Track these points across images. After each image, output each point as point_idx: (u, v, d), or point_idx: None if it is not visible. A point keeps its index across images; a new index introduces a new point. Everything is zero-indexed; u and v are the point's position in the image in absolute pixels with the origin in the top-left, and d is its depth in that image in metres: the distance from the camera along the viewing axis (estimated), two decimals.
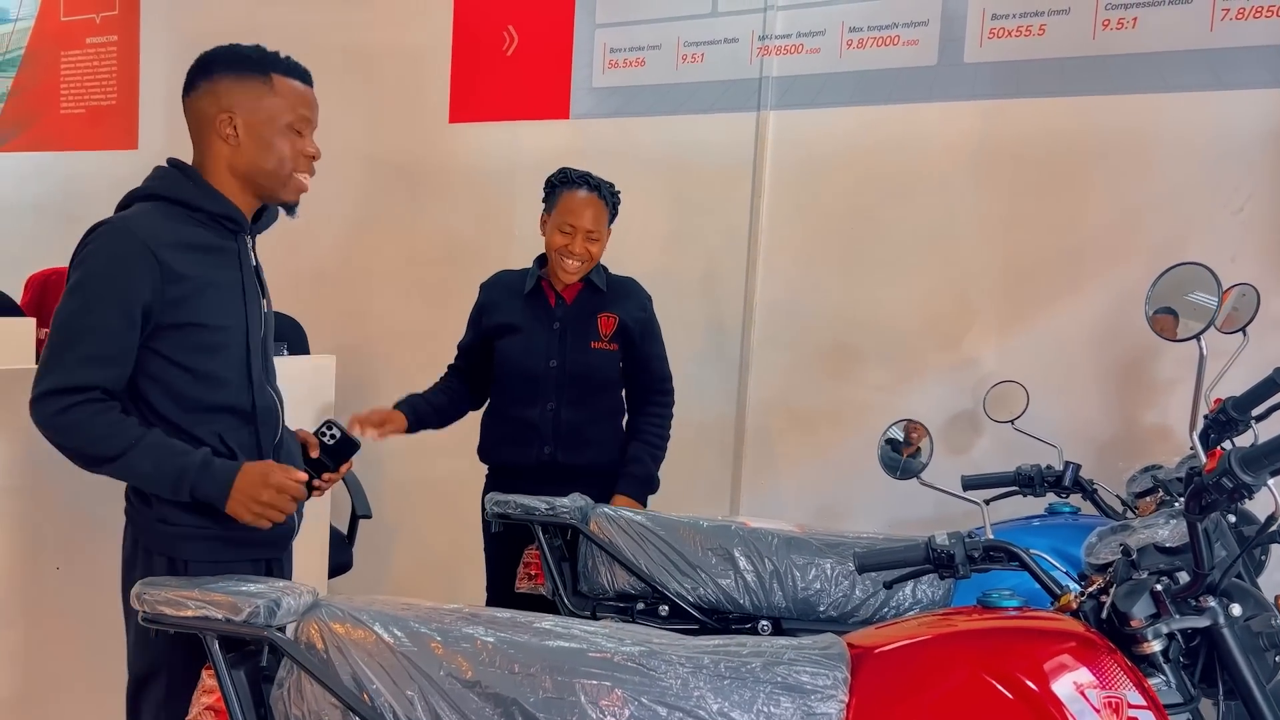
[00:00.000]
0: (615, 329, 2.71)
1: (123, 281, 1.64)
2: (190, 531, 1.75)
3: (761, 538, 2.25)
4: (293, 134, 1.80)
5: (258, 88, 1.77)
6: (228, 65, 1.78)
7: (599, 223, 2.67)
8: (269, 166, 1.79)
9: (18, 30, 5.52)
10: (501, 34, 3.79)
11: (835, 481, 3.20)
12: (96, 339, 1.65)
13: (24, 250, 5.28)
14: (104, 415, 1.64)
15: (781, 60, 3.26)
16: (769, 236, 3.32)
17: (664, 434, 2.80)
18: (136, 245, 1.66)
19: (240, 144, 1.77)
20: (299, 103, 1.81)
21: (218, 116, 1.76)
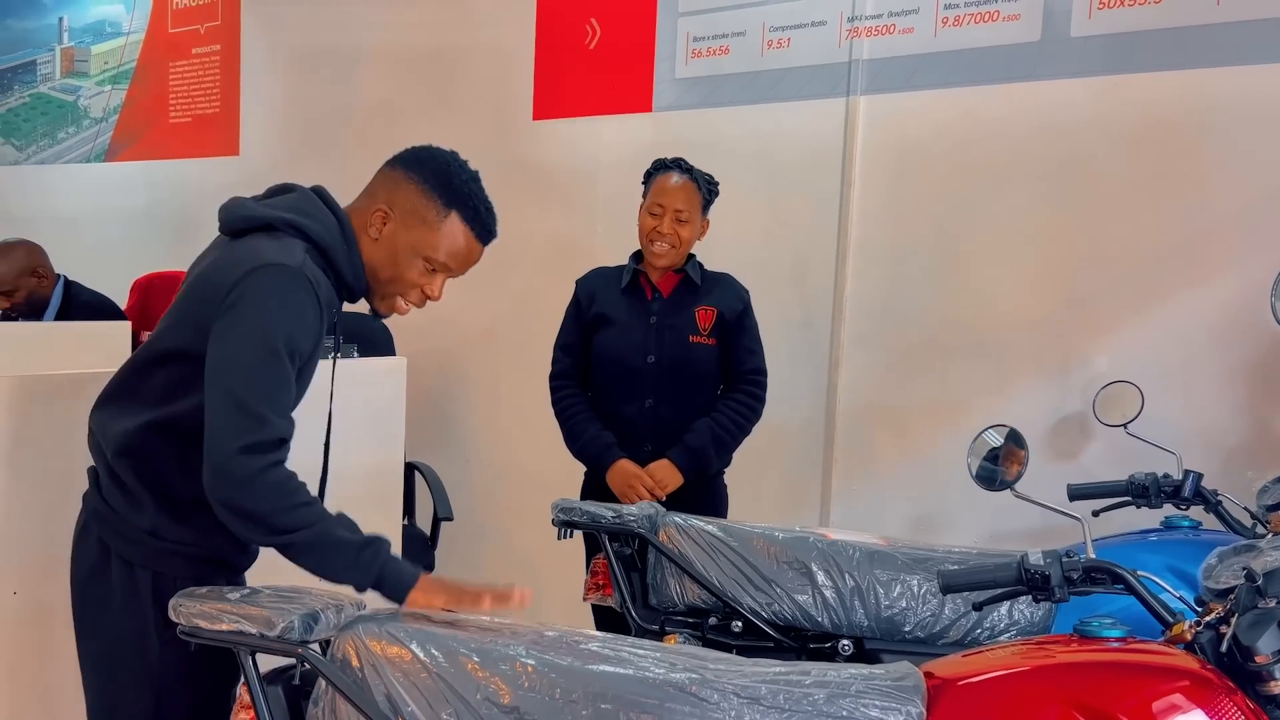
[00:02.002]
0: (714, 322, 2.63)
1: (302, 335, 1.58)
2: (179, 548, 1.66)
3: (841, 551, 2.10)
4: (427, 269, 1.71)
5: (429, 213, 1.68)
6: (425, 174, 1.70)
7: (689, 204, 2.60)
8: (383, 277, 1.71)
9: (130, 44, 5.72)
10: (584, 27, 3.71)
11: (932, 490, 3.01)
12: (285, 391, 1.57)
13: (134, 256, 5.47)
14: (294, 479, 1.55)
15: (872, 42, 3.09)
16: (860, 229, 3.15)
17: (739, 420, 2.66)
18: (315, 300, 1.60)
19: (378, 242, 1.69)
20: (454, 251, 1.70)
21: (378, 206, 1.69)
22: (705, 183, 2.66)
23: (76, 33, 6.11)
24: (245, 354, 1.54)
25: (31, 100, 6.47)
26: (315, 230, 1.65)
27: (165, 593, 1.57)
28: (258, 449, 1.50)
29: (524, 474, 3.99)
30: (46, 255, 3.81)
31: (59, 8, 6.24)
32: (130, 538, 1.66)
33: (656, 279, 2.68)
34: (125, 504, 1.66)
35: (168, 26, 5.47)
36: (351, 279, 1.69)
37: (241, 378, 1.53)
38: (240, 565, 1.79)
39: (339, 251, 1.67)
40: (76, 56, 6.12)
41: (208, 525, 1.62)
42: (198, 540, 1.67)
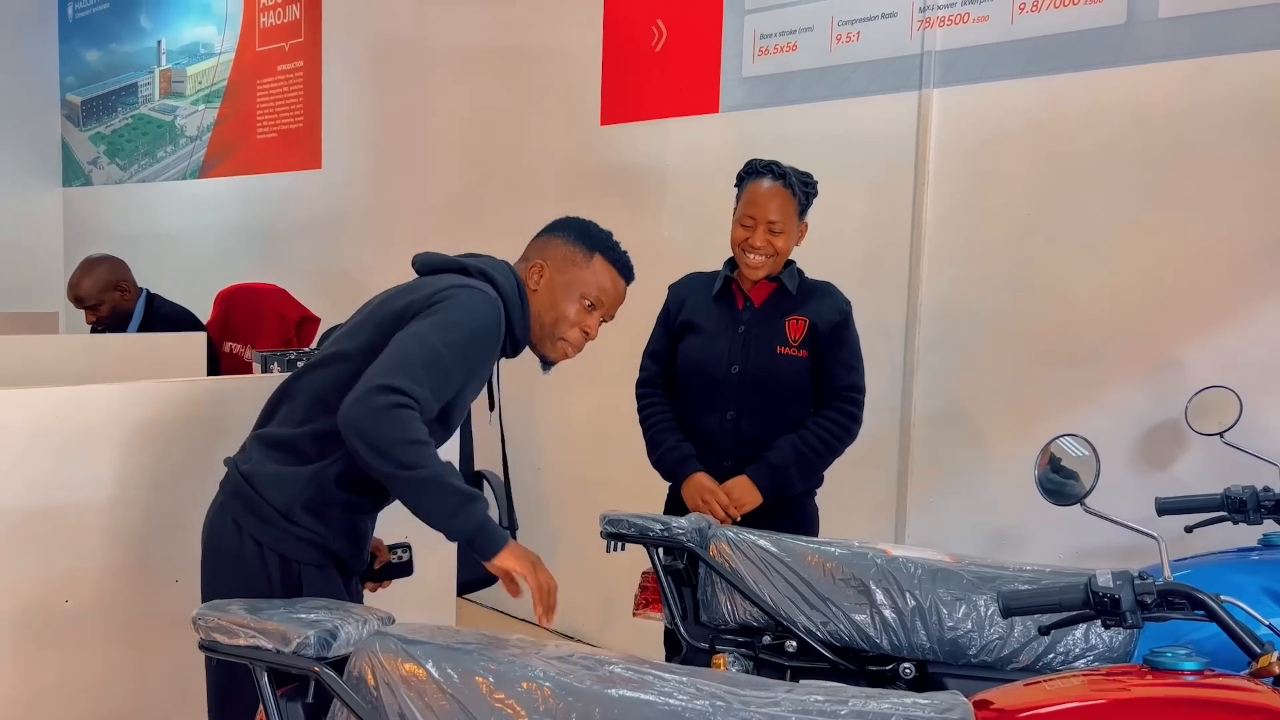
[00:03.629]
0: (805, 333, 2.47)
1: (482, 348, 1.83)
2: (310, 535, 1.81)
3: (902, 568, 1.97)
4: (583, 307, 1.95)
5: (578, 257, 1.95)
6: (568, 231, 1.99)
7: (784, 214, 2.45)
8: (546, 320, 1.95)
9: (221, 63, 5.90)
10: (650, 29, 3.65)
11: (1013, 502, 2.84)
12: (448, 378, 1.76)
13: (225, 268, 5.62)
14: (418, 422, 1.69)
15: (945, 32, 2.95)
16: (935, 227, 3.00)
17: (827, 439, 2.48)
18: (500, 330, 1.85)
19: (537, 293, 1.95)
20: (604, 287, 1.96)
21: (535, 262, 1.96)
22: (801, 185, 2.49)
23: (173, 55, 6.34)
24: (434, 334, 1.74)
25: (133, 121, 6.74)
26: (500, 281, 1.90)
27: (290, 575, 1.79)
28: (398, 392, 1.66)
29: (594, 484, 3.94)
30: (129, 270, 3.92)
31: (157, 31, 6.48)
32: (265, 518, 1.80)
33: (749, 287, 2.53)
34: (266, 484, 1.81)
35: (255, 45, 5.62)
36: (520, 330, 1.93)
37: (419, 345, 1.72)
38: (354, 568, 1.95)
39: (514, 305, 1.91)
40: (174, 78, 6.35)
41: (337, 522, 1.84)
42: (324, 534, 1.82)
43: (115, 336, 3.71)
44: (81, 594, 2.22)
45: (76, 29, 7.26)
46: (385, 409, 1.65)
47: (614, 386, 2.79)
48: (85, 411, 2.26)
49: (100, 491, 2.25)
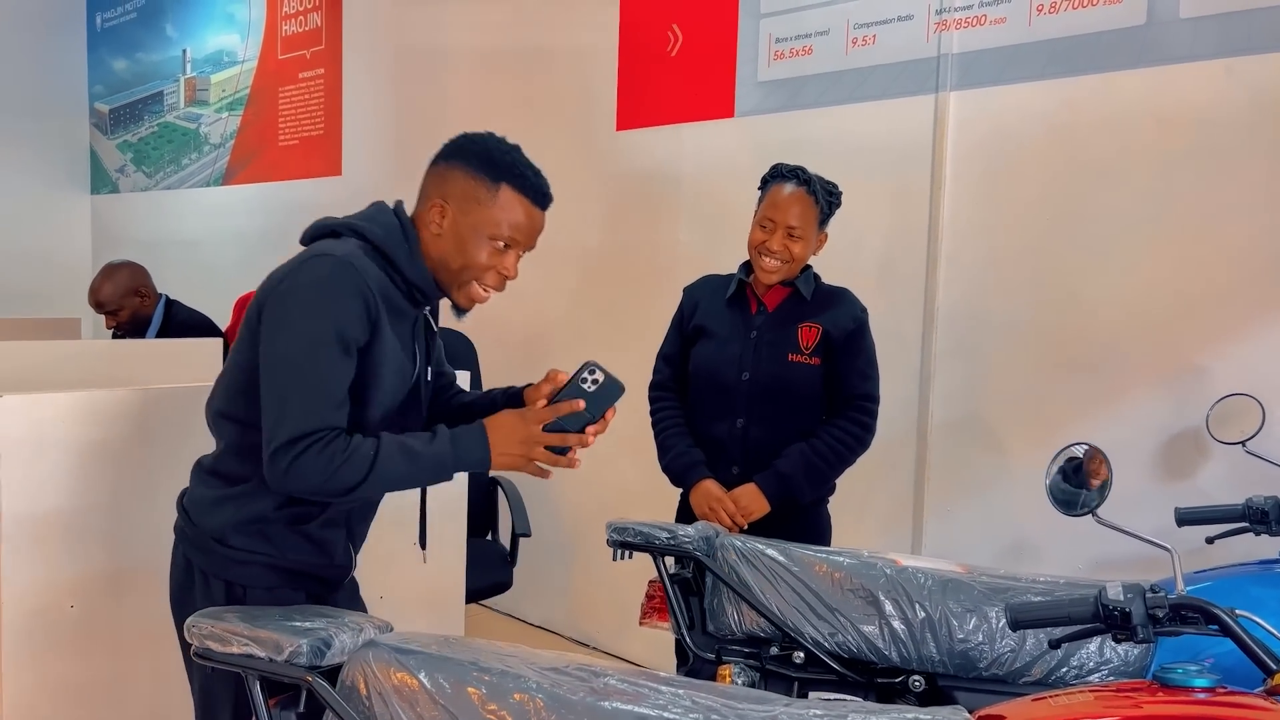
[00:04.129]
0: (818, 341, 2.42)
1: (344, 320, 1.58)
2: (248, 557, 1.68)
3: (911, 579, 1.94)
4: (495, 248, 1.71)
5: (480, 192, 1.69)
6: (467, 158, 1.72)
7: (804, 220, 2.40)
8: (454, 266, 1.72)
9: (244, 71, 5.94)
10: (666, 34, 3.64)
11: (1031, 511, 2.78)
12: (325, 384, 1.57)
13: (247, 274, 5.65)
14: (330, 447, 1.55)
15: (962, 35, 2.91)
16: (951, 232, 2.96)
17: (838, 449, 2.43)
18: (355, 283, 1.59)
19: (441, 236, 1.71)
20: (515, 222, 1.71)
21: (434, 202, 1.72)
22: (825, 193, 2.45)
23: (198, 63, 6.39)
24: (291, 348, 1.58)
25: (159, 129, 6.81)
26: (372, 231, 1.69)
27: (238, 602, 1.65)
28: (292, 443, 1.54)
29: (612, 489, 3.92)
30: (149, 276, 3.95)
31: (183, 40, 6.54)
32: (201, 546, 1.70)
33: (763, 292, 2.49)
34: (198, 511, 1.72)
35: (277, 53, 5.66)
36: (415, 277, 1.70)
37: (286, 372, 1.58)
38: (331, 577, 1.80)
39: (398, 251, 1.69)
40: (198, 86, 6.40)
41: (284, 538, 1.69)
42: (270, 553, 1.69)
43: (134, 342, 3.74)
44: (91, 600, 2.23)
45: (104, 38, 7.35)
46: (291, 468, 1.54)
47: (633, 390, 2.76)
48: (99, 416, 2.26)
49: (112, 496, 2.26)
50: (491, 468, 1.62)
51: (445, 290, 1.75)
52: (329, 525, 1.75)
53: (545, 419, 1.61)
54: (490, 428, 1.62)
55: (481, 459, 1.61)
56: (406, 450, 1.59)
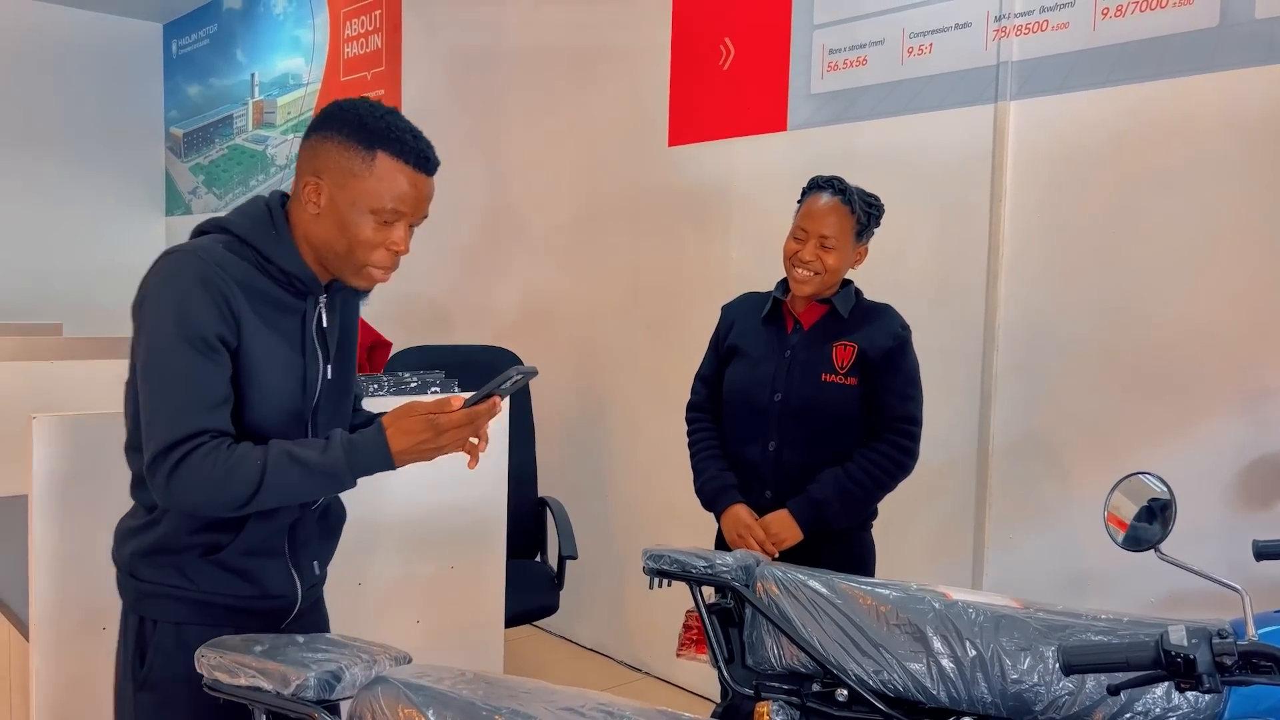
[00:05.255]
0: (853, 360, 2.32)
1: (195, 315, 1.46)
2: (155, 589, 1.57)
3: (962, 614, 1.83)
4: (379, 222, 1.54)
5: (355, 164, 1.52)
6: (338, 127, 1.54)
7: (839, 231, 2.31)
8: (339, 249, 1.56)
9: (308, 94, 6.04)
10: (718, 48, 3.58)
11: (1099, 540, 2.62)
12: (188, 385, 1.45)
13: None
14: (211, 455, 1.44)
15: (1022, 42, 2.79)
16: (1013, 246, 2.84)
17: (875, 474, 2.33)
18: (201, 274, 1.47)
19: (320, 216, 1.55)
20: (398, 192, 1.53)
21: (308, 180, 1.55)
22: (863, 205, 2.35)
23: (265, 86, 6.52)
24: (148, 354, 1.48)
25: (229, 151, 6.96)
26: (235, 223, 1.57)
27: (145, 639, 1.56)
28: (165, 453, 1.43)
29: (662, 510, 3.85)
30: None
31: (251, 65, 6.68)
32: (120, 578, 1.62)
33: (800, 310, 2.41)
34: (116, 542, 1.64)
35: (340, 75, 5.73)
36: (288, 264, 1.56)
37: (147, 380, 1.48)
38: (264, 610, 1.64)
39: (264, 240, 1.55)
40: (265, 109, 6.53)
41: (199, 568, 1.56)
42: (179, 583, 1.56)
43: None
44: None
45: (180, 65, 7.55)
46: (172, 480, 1.43)
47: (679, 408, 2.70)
48: None
49: None
50: (396, 466, 1.50)
51: (337, 274, 1.60)
52: (253, 554, 1.59)
53: (458, 422, 1.48)
54: (389, 426, 1.49)
55: (381, 461, 1.49)
56: (297, 459, 1.46)
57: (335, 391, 1.68)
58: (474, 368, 3.33)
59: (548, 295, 4.35)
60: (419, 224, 1.60)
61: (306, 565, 1.69)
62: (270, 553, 1.62)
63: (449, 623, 2.47)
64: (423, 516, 2.40)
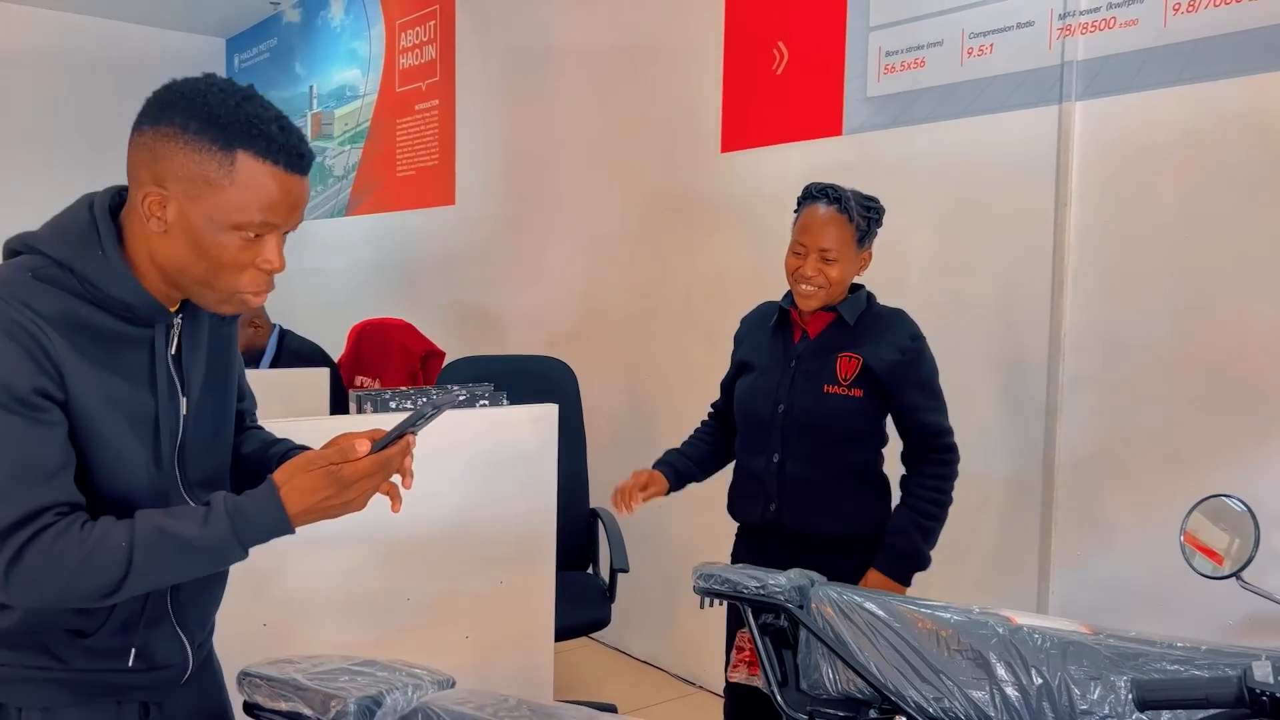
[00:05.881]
0: (857, 372, 2.29)
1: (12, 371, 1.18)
2: (18, 673, 1.31)
3: (1027, 640, 1.74)
4: (245, 238, 1.25)
5: (211, 169, 1.21)
6: (182, 120, 1.22)
7: (839, 242, 2.29)
8: (197, 273, 1.26)
9: (365, 105, 6.10)
10: (771, 52, 3.51)
11: (1173, 560, 2.50)
12: (7, 455, 1.18)
13: (367, 303, 5.78)
14: (61, 540, 1.18)
15: (1088, 40, 2.69)
16: (1079, 252, 2.73)
17: (940, 499, 2.33)
18: (10, 321, 1.19)
19: (168, 234, 1.24)
20: (267, 201, 1.23)
21: (148, 188, 1.23)
22: (861, 211, 2.32)
23: (323, 99, 6.60)
24: None
25: None
26: (50, 244, 1.26)
27: None
28: (3, 541, 1.17)
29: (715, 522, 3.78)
30: (263, 306, 4.04)
31: (310, 77, 6.77)
32: None
33: (806, 319, 2.39)
34: None
35: (395, 86, 5.78)
36: (119, 292, 1.26)
37: None
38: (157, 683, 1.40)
39: (87, 262, 1.24)
40: (323, 120, 6.61)
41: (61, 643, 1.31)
42: (47, 664, 1.31)
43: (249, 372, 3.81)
44: None
45: (242, 78, 7.65)
46: (12, 577, 1.17)
47: None
48: None
49: None
50: (294, 530, 1.26)
51: (196, 301, 1.32)
52: (131, 628, 1.35)
53: (365, 471, 1.24)
54: (283, 485, 1.24)
55: (275, 526, 1.24)
56: (172, 535, 1.21)
57: (205, 430, 1.41)
58: (525, 378, 3.31)
59: (599, 303, 4.32)
60: (293, 231, 1.32)
61: (195, 624, 1.45)
62: (152, 622, 1.37)
63: (498, 637, 2.44)
64: (471, 530, 2.38)
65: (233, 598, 2.10)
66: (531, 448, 2.46)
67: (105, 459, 1.26)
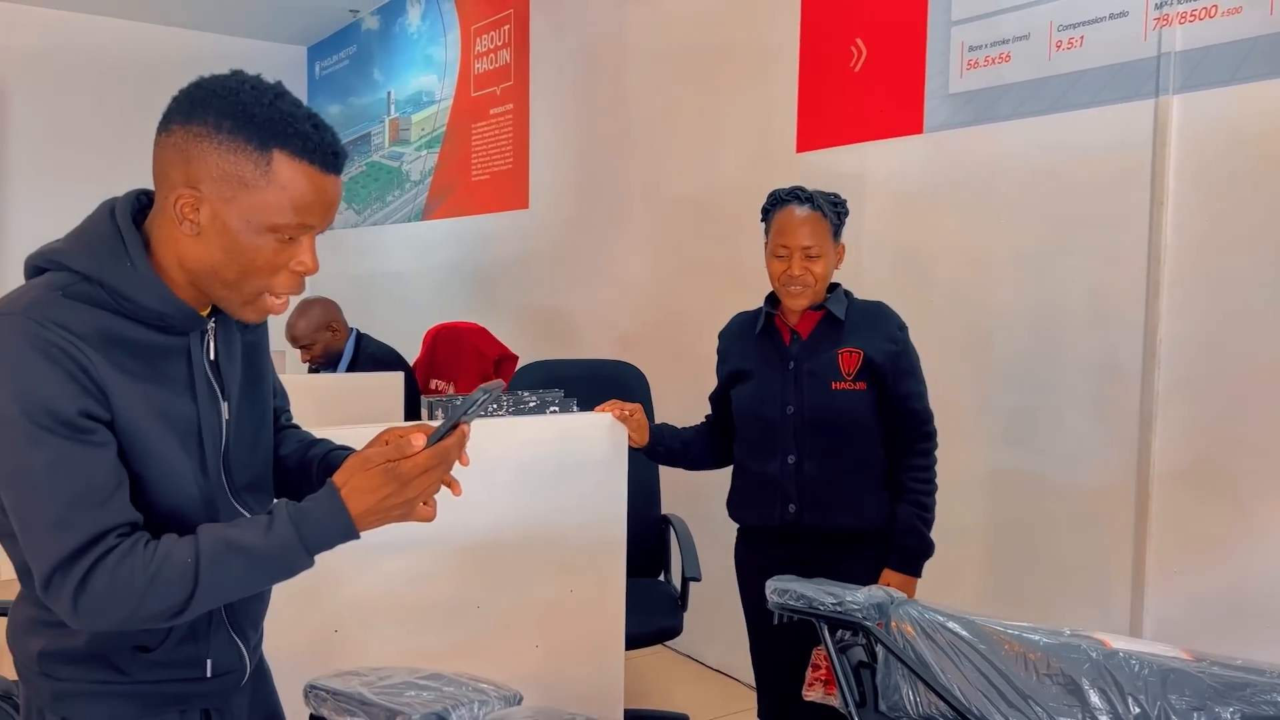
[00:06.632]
0: (860, 365, 2.34)
1: (43, 393, 1.15)
2: (84, 688, 1.30)
3: (1123, 666, 1.65)
4: (280, 240, 1.23)
5: (246, 169, 1.19)
6: (214, 119, 1.20)
7: (818, 238, 2.35)
8: (229, 276, 1.24)
9: (441, 110, 6.15)
10: (849, 49, 3.43)
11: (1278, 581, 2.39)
12: (64, 483, 1.16)
13: (442, 307, 5.82)
14: (125, 564, 1.17)
15: (1186, 30, 2.55)
16: (1176, 254, 2.60)
17: (930, 488, 2.40)
18: (36, 342, 1.16)
19: (201, 236, 1.22)
20: (302, 201, 1.22)
21: (180, 190, 1.21)
22: (831, 208, 2.40)
23: (400, 104, 6.68)
24: (5, 458, 1.17)
25: (367, 168, 7.16)
26: (72, 254, 1.24)
27: None
28: (67, 568, 1.16)
29: None
30: (340, 311, 4.09)
31: (388, 83, 6.86)
32: (24, 674, 1.35)
33: (794, 320, 2.44)
34: (14, 631, 1.36)
35: (470, 91, 5.81)
36: (150, 301, 1.24)
37: (12, 490, 1.18)
38: (215, 690, 1.40)
39: (116, 274, 1.22)
40: (401, 126, 6.68)
41: (123, 657, 1.31)
42: (111, 677, 1.31)
43: (326, 376, 3.86)
44: None
45: (322, 85, 7.82)
46: (79, 605, 1.16)
47: None
48: None
49: None
50: (359, 534, 1.23)
51: (221, 304, 1.30)
52: (187, 641, 1.34)
53: (424, 465, 1.22)
54: (344, 487, 1.22)
55: (340, 531, 1.22)
56: (238, 547, 1.19)
57: (246, 433, 1.41)
58: (597, 383, 3.28)
59: (672, 307, 4.27)
60: (322, 233, 1.29)
61: (250, 628, 1.45)
62: (209, 632, 1.37)
63: (568, 646, 2.41)
64: (541, 538, 2.35)
65: (303, 604, 2.12)
66: (602, 454, 2.43)
67: (154, 473, 1.25)
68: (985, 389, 3.02)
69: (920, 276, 3.22)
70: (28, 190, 6.82)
